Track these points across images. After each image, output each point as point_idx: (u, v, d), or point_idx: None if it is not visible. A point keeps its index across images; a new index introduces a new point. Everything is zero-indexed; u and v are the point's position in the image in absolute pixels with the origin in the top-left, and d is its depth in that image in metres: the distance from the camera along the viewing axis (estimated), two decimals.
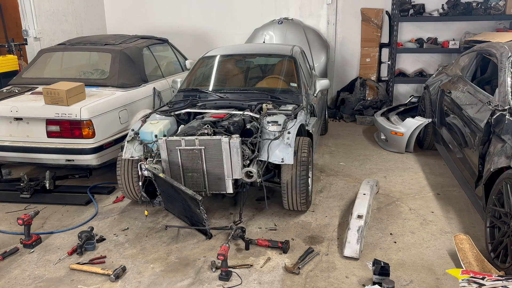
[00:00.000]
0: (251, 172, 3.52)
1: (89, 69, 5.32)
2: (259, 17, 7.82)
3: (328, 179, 4.82)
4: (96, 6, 8.30)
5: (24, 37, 6.72)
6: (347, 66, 8.02)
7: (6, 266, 3.26)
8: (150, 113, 4.25)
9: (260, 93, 4.43)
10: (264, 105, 4.11)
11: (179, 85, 4.91)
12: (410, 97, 7.01)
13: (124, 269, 3.15)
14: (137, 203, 4.17)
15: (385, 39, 7.68)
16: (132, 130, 3.93)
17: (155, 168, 3.64)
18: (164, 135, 3.80)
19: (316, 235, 3.61)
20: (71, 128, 4.20)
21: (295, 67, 4.77)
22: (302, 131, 4.08)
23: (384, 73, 7.91)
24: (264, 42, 7.14)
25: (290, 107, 4.13)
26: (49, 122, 4.21)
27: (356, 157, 5.56)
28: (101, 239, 3.60)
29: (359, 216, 3.58)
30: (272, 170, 3.92)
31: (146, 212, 3.92)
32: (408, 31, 7.62)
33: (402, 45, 7.47)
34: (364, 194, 4.00)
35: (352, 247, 3.29)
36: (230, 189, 3.67)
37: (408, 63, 7.82)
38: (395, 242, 3.50)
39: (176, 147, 3.62)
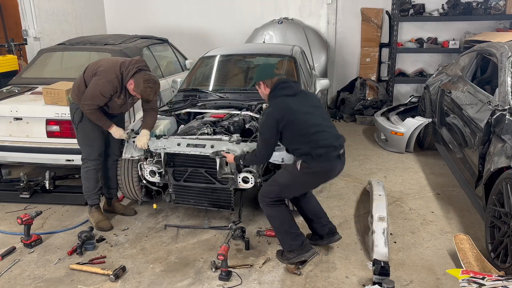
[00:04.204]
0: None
1: None
2: (259, 17, 7.81)
3: None
4: (96, 6, 8.30)
5: (24, 37, 6.71)
6: (347, 66, 8.02)
7: (5, 266, 3.26)
8: None
9: None
10: (264, 105, 4.10)
11: (179, 85, 4.90)
12: (410, 97, 7.00)
13: (124, 269, 3.15)
14: (137, 203, 4.17)
15: (385, 39, 7.68)
16: (132, 130, 3.92)
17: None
18: (164, 135, 3.79)
19: None
20: (71, 128, 4.19)
21: (295, 67, 4.76)
22: None
23: (384, 73, 7.91)
24: (264, 42, 7.14)
25: None
26: (49, 122, 4.21)
27: (356, 157, 5.56)
28: (101, 239, 3.59)
29: (381, 218, 3.46)
30: (272, 170, 3.90)
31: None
32: (408, 31, 7.62)
33: (402, 45, 7.47)
34: (380, 195, 3.90)
35: (380, 251, 3.13)
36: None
37: (408, 63, 7.82)
38: (395, 242, 3.49)
39: None
